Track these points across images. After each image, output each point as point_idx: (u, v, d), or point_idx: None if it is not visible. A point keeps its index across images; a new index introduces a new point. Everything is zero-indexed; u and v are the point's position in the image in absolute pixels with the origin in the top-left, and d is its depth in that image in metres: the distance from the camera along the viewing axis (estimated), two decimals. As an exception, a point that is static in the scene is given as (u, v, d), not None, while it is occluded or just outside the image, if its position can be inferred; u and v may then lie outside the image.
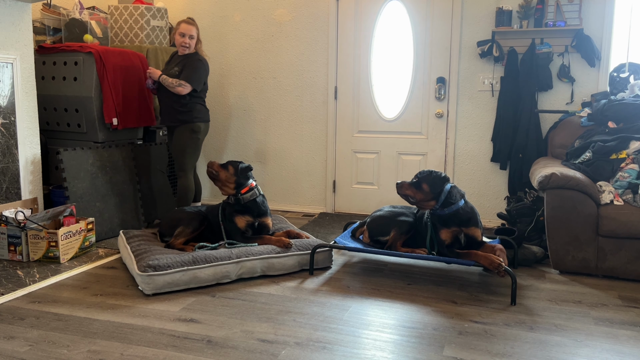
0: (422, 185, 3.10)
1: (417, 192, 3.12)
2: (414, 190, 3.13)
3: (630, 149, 3.40)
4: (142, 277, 2.87)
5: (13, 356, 2.20)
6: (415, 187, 3.13)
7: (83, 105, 4.09)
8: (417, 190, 3.12)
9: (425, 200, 3.10)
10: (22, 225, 3.42)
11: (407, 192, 3.15)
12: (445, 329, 2.51)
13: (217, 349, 2.29)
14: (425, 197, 3.09)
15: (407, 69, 4.66)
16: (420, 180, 3.12)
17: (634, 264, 3.16)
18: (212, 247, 3.25)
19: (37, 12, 4.44)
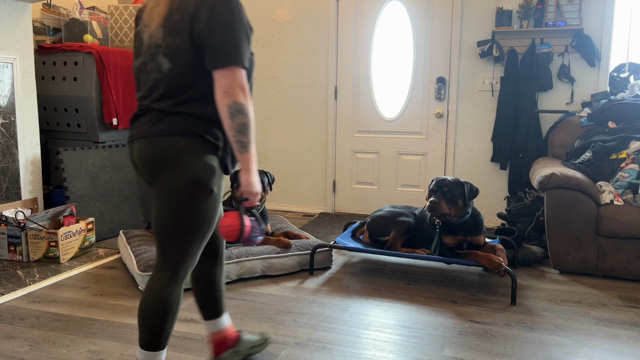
0: (458, 201, 2.96)
1: (452, 208, 2.97)
2: (451, 207, 2.96)
3: (630, 149, 3.40)
4: (143, 277, 2.87)
5: (13, 356, 2.20)
6: (451, 204, 2.97)
7: (83, 105, 4.09)
8: (453, 206, 2.97)
9: (457, 215, 2.99)
10: (22, 225, 3.42)
11: (446, 211, 2.96)
12: (445, 329, 2.51)
13: (217, 349, 2.28)
14: (459, 213, 2.98)
15: (407, 69, 4.66)
16: (456, 196, 2.96)
17: (634, 264, 3.16)
18: None
19: (37, 12, 4.44)
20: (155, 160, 1.66)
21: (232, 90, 1.59)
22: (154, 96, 1.71)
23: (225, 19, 1.59)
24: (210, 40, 1.59)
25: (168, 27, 1.65)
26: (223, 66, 1.59)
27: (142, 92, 1.76)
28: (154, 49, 1.69)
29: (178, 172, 1.64)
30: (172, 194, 1.65)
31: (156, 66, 1.69)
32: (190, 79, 1.66)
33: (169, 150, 1.65)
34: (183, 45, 1.63)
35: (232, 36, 1.59)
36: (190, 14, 1.60)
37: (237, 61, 1.60)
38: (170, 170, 1.65)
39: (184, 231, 1.67)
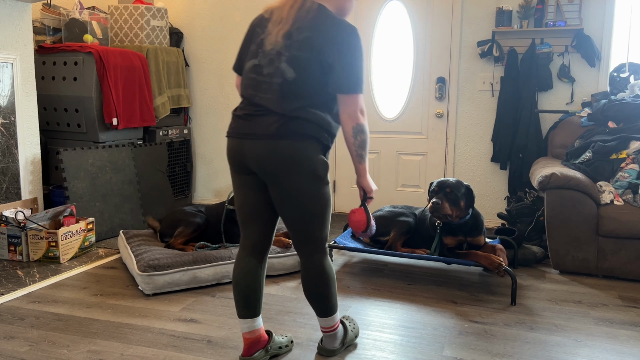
0: (459, 202, 2.95)
1: (454, 210, 2.96)
2: (453, 208, 2.95)
3: (630, 149, 3.40)
4: (142, 277, 2.87)
5: (13, 356, 2.20)
6: (453, 205, 2.95)
7: (83, 105, 4.09)
8: (455, 207, 2.96)
9: (458, 216, 2.98)
10: (22, 225, 3.42)
11: (449, 212, 2.93)
12: (445, 329, 2.51)
13: (217, 349, 2.29)
14: (461, 214, 2.97)
15: (407, 69, 4.66)
16: (457, 197, 2.94)
17: (634, 264, 3.16)
18: (213, 248, 3.26)
19: (37, 12, 4.44)
20: (280, 162, 1.93)
21: (355, 114, 1.94)
22: (274, 99, 1.94)
23: (351, 53, 1.91)
24: (339, 70, 1.90)
25: (295, 40, 1.92)
26: (348, 93, 1.92)
27: (255, 92, 1.98)
28: (274, 55, 1.95)
29: (303, 171, 1.94)
30: (302, 190, 1.95)
31: (278, 72, 1.93)
32: (312, 89, 1.93)
33: (293, 152, 1.92)
34: (309, 60, 1.90)
35: (356, 68, 1.92)
36: (321, 40, 1.90)
37: (359, 89, 1.93)
38: (295, 171, 1.93)
39: (321, 215, 2.01)
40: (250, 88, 2.00)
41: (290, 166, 1.93)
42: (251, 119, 1.98)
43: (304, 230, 2.02)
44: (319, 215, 2.01)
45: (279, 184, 1.96)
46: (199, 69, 5.16)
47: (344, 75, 1.90)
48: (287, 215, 2.02)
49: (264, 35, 2.01)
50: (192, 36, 5.14)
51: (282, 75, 1.93)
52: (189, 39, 5.15)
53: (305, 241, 2.04)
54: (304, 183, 1.95)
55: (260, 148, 1.95)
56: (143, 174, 4.38)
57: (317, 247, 2.06)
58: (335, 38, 1.90)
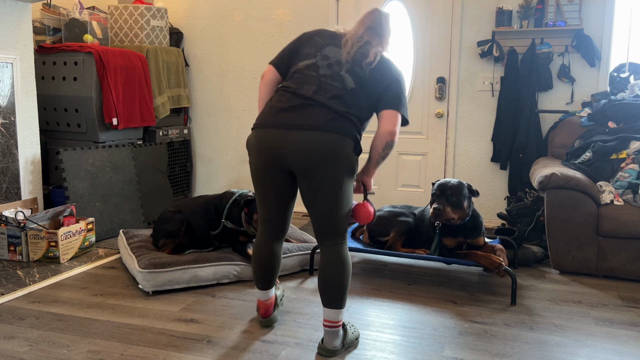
0: (463, 204, 2.93)
1: (457, 212, 2.93)
2: (455, 211, 2.93)
3: (630, 149, 3.40)
4: (143, 274, 2.87)
5: (13, 356, 2.20)
6: (456, 208, 2.93)
7: (83, 105, 4.09)
8: (457, 210, 2.93)
9: (461, 218, 2.96)
10: (22, 225, 3.42)
11: (452, 217, 2.91)
12: (445, 329, 2.51)
13: (217, 349, 2.29)
14: (463, 215, 2.96)
15: (407, 69, 4.66)
16: (460, 200, 2.92)
17: (634, 264, 3.16)
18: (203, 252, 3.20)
19: (37, 12, 4.44)
20: (325, 154, 2.06)
21: (394, 130, 2.19)
22: (330, 97, 2.13)
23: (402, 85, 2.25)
24: (391, 91, 2.20)
25: (357, 60, 2.20)
26: (395, 109, 2.19)
27: (309, 85, 2.16)
28: (334, 62, 2.21)
29: (342, 165, 2.10)
30: (339, 182, 2.11)
31: (338, 77, 2.17)
32: (362, 104, 2.19)
33: (339, 146, 2.08)
34: (368, 81, 2.19)
35: (404, 95, 2.25)
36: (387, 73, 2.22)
37: (403, 110, 2.22)
38: (337, 163, 2.08)
39: (347, 206, 2.18)
40: (305, 82, 2.17)
41: (333, 159, 2.07)
42: (300, 110, 2.11)
43: (332, 220, 2.16)
44: (347, 206, 2.18)
45: (317, 176, 2.09)
46: (199, 69, 5.16)
47: (395, 96, 2.19)
48: (318, 206, 2.15)
49: (324, 42, 2.27)
50: (192, 36, 5.14)
51: (342, 82, 2.17)
52: (189, 39, 5.15)
53: (332, 231, 2.18)
54: (342, 176, 2.11)
55: (307, 137, 2.07)
56: (143, 174, 4.38)
57: (342, 236, 2.21)
58: (394, 74, 2.24)
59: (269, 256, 2.36)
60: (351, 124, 2.12)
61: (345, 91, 2.15)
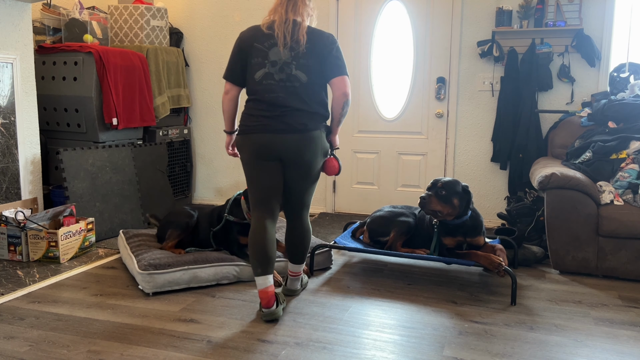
0: (452, 199, 2.94)
1: (445, 207, 2.94)
2: (443, 204, 2.94)
3: (630, 149, 3.40)
4: (143, 276, 2.87)
5: (13, 356, 2.20)
6: (444, 202, 2.95)
7: (83, 105, 4.09)
8: (445, 204, 2.94)
9: (451, 214, 2.97)
10: (22, 225, 3.42)
11: (437, 208, 2.93)
12: (445, 329, 2.51)
13: (217, 349, 2.29)
14: (453, 212, 2.96)
15: (407, 69, 4.66)
16: (450, 194, 2.93)
17: (634, 264, 3.16)
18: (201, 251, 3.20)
19: (37, 12, 4.44)
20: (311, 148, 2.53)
21: (347, 91, 2.56)
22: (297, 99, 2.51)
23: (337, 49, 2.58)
24: (332, 62, 2.54)
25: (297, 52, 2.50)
26: (341, 75, 2.56)
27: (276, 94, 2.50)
28: (282, 64, 2.50)
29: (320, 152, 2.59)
30: (316, 167, 2.60)
31: (292, 77, 2.50)
32: (318, 88, 2.55)
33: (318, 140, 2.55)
34: (313, 66, 2.51)
35: (343, 59, 2.59)
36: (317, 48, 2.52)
37: (347, 72, 2.58)
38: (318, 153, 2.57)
39: (316, 183, 2.70)
40: (268, 92, 2.51)
41: (315, 152, 2.55)
42: (282, 118, 2.50)
43: (306, 197, 2.67)
44: (315, 184, 2.69)
45: (304, 165, 2.56)
46: (199, 69, 5.16)
47: (337, 63, 2.54)
48: (301, 187, 2.63)
49: (266, 48, 2.53)
50: (192, 36, 5.15)
51: (297, 80, 2.50)
52: (189, 39, 5.15)
53: (305, 204, 2.69)
54: (319, 161, 2.61)
55: (296, 139, 2.51)
56: (143, 174, 4.38)
57: (308, 209, 2.73)
58: (328, 44, 2.55)
59: (264, 238, 2.57)
60: (320, 116, 2.56)
61: (303, 87, 2.51)
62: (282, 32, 2.51)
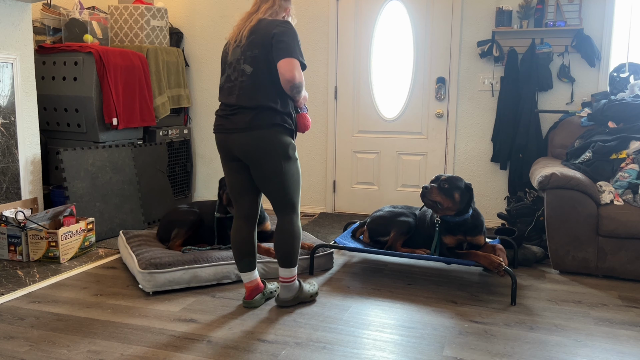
0: (454, 194, 2.95)
1: (446, 200, 2.95)
2: (444, 197, 2.95)
3: (630, 149, 3.40)
4: (143, 275, 2.87)
5: (13, 356, 2.20)
6: (445, 194, 2.95)
7: (83, 105, 4.09)
8: (446, 197, 2.95)
9: (451, 209, 2.97)
10: (22, 225, 3.42)
11: (437, 199, 2.95)
12: (445, 329, 2.51)
13: (217, 349, 2.29)
14: (453, 206, 2.96)
15: (407, 69, 4.66)
16: (451, 188, 2.94)
17: (634, 264, 3.16)
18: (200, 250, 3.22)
19: (37, 12, 4.44)
20: (258, 148, 2.45)
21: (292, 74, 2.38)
22: (244, 95, 2.44)
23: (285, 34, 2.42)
24: (277, 46, 2.39)
25: (246, 44, 2.46)
26: (284, 57, 2.38)
27: (230, 95, 2.49)
28: (235, 63, 2.49)
29: (276, 154, 2.46)
30: (278, 169, 2.48)
31: (240, 72, 2.46)
32: (267, 78, 2.43)
33: (267, 139, 2.44)
34: (260, 55, 2.42)
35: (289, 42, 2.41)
36: (262, 36, 2.42)
37: (294, 55, 2.39)
38: (270, 154, 2.45)
39: (293, 185, 2.56)
40: (226, 95, 2.52)
41: (266, 151, 2.45)
42: (231, 117, 2.48)
43: (281, 197, 2.56)
44: (292, 185, 2.56)
45: (260, 165, 2.49)
46: (199, 69, 5.16)
47: (279, 47, 2.39)
48: (268, 189, 2.55)
49: (226, 53, 2.58)
50: (192, 36, 5.14)
51: (243, 73, 2.46)
52: (189, 39, 5.15)
53: (284, 205, 2.58)
54: (278, 164, 2.48)
55: (242, 138, 2.46)
56: (143, 174, 4.38)
57: (292, 209, 2.60)
58: (271, 29, 2.43)
59: (243, 238, 2.65)
60: (274, 112, 2.45)
61: (250, 80, 2.44)
62: (240, 30, 2.52)
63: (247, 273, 2.71)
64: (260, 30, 2.45)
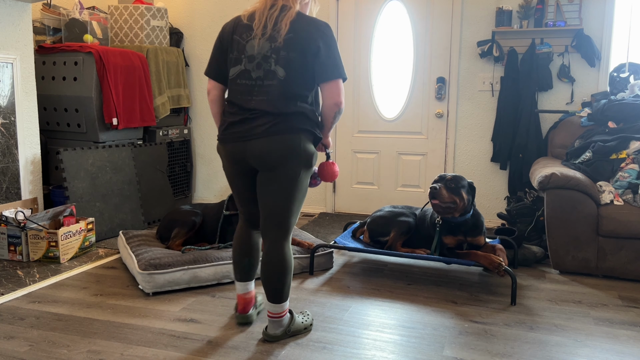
0: (462, 192, 2.94)
1: (453, 197, 2.94)
2: (453, 196, 2.93)
3: (630, 149, 3.40)
4: (143, 276, 2.87)
5: (13, 356, 2.20)
6: (453, 193, 2.94)
7: (83, 105, 4.09)
8: (455, 196, 2.94)
9: (460, 209, 2.96)
10: (22, 225, 3.42)
11: (446, 199, 2.91)
12: (445, 329, 2.51)
13: (217, 349, 2.29)
14: (462, 204, 2.95)
15: (407, 69, 4.66)
16: (458, 187, 2.94)
17: (634, 264, 3.16)
18: (200, 250, 3.23)
19: (37, 12, 4.44)
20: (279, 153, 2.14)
21: (339, 99, 2.18)
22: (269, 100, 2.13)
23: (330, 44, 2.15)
24: (323, 60, 2.12)
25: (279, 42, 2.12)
26: (333, 79, 2.15)
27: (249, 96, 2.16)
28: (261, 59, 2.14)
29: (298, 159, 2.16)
30: (293, 176, 2.17)
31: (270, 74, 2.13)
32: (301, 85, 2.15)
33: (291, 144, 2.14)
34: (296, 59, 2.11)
35: (336, 56, 2.16)
36: (303, 38, 2.11)
37: (342, 75, 2.16)
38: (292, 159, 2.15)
39: (298, 202, 2.23)
40: (242, 94, 2.18)
41: (288, 156, 2.14)
42: (249, 122, 2.16)
43: (280, 214, 2.21)
44: (297, 201, 2.23)
45: (275, 171, 2.17)
46: (199, 69, 5.16)
47: (327, 63, 2.12)
48: (271, 199, 2.21)
49: (244, 41, 2.18)
50: (192, 36, 5.15)
51: (274, 77, 2.13)
52: (189, 39, 5.15)
53: (278, 225, 2.23)
54: (297, 170, 2.17)
55: (260, 145, 2.14)
56: (143, 174, 4.38)
57: (285, 233, 2.25)
58: (315, 34, 2.12)
59: (248, 245, 2.43)
60: (301, 116, 2.15)
61: (280, 85, 2.12)
62: (265, 19, 2.15)
63: (244, 283, 2.46)
64: (301, 32, 2.11)
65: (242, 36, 2.19)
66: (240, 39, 2.19)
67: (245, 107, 2.17)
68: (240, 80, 2.18)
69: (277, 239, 2.24)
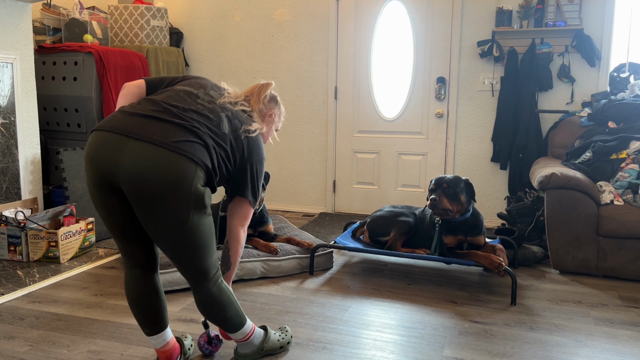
0: (459, 196, 2.95)
1: (454, 204, 2.95)
2: (452, 203, 2.95)
3: (630, 149, 3.40)
4: (142, 277, 2.86)
5: (13, 356, 2.20)
6: (452, 200, 2.95)
7: (83, 105, 4.09)
8: (454, 202, 2.95)
9: (459, 211, 2.97)
10: (22, 225, 3.42)
11: (447, 207, 2.93)
12: (445, 329, 2.51)
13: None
14: (461, 208, 2.96)
15: (407, 69, 4.66)
16: (456, 192, 2.95)
17: (634, 264, 3.16)
18: None
19: (37, 12, 4.44)
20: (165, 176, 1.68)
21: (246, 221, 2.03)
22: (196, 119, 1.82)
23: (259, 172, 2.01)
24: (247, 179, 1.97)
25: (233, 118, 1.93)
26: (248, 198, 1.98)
27: (178, 104, 1.85)
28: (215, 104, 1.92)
29: (186, 195, 1.73)
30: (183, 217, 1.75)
31: (216, 115, 1.88)
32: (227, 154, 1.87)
33: (183, 169, 1.71)
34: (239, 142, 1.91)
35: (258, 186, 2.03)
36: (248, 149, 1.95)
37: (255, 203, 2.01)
38: (178, 191, 1.71)
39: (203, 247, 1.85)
40: (175, 100, 1.86)
41: (173, 185, 1.68)
42: (153, 121, 1.76)
43: (184, 263, 1.86)
44: (203, 246, 1.83)
45: (154, 206, 1.70)
46: (199, 69, 5.16)
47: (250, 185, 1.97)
48: (163, 245, 1.80)
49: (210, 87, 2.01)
50: (192, 36, 5.15)
51: (219, 120, 1.87)
52: (189, 39, 5.15)
53: (191, 274, 1.89)
54: (188, 209, 1.73)
55: (145, 152, 1.68)
56: (143, 174, 4.38)
57: (204, 275, 1.89)
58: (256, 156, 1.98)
59: (143, 293, 1.94)
60: (212, 150, 1.79)
61: (219, 130, 1.84)
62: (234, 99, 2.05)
63: (155, 336, 2.00)
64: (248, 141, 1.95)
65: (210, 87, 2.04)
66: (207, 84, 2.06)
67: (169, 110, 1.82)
68: (184, 94, 1.91)
69: (198, 283, 1.91)
